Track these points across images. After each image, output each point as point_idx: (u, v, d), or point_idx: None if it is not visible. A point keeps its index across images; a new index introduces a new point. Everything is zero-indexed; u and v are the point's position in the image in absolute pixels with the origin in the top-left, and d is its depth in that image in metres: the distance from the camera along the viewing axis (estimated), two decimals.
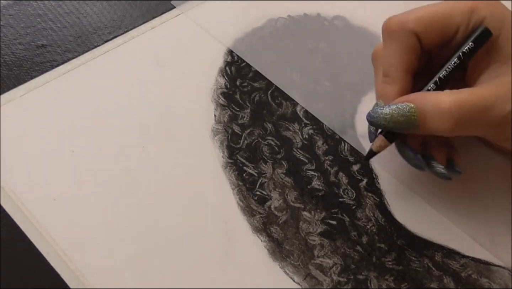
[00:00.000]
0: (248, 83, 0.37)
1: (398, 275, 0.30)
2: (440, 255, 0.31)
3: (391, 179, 0.34)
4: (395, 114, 0.30)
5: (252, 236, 0.30)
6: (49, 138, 0.32)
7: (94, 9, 0.40)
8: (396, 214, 0.33)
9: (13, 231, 0.28)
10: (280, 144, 0.34)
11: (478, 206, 0.33)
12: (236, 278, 0.29)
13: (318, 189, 0.33)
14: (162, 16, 0.40)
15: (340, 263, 0.30)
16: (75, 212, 0.29)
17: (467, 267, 0.31)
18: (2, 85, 0.34)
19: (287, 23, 0.42)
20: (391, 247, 0.31)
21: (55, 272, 0.27)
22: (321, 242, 0.31)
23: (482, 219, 0.33)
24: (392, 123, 0.30)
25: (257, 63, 0.38)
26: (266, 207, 0.32)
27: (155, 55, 0.38)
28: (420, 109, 0.29)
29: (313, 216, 0.32)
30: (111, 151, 0.32)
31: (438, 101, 0.29)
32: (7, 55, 0.36)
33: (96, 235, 0.29)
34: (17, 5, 0.39)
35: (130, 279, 0.28)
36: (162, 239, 0.29)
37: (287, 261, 0.30)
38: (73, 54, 0.37)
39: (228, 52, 0.39)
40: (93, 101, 0.34)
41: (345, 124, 0.36)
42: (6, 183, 0.30)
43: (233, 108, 0.36)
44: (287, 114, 0.36)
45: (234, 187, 0.32)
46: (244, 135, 0.35)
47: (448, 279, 0.30)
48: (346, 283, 0.29)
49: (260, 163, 0.33)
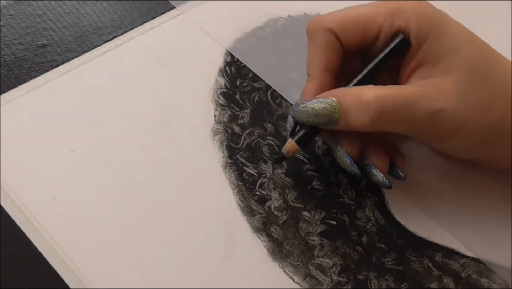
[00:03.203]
0: (248, 83, 0.37)
1: (398, 275, 0.30)
2: (440, 255, 0.31)
3: (391, 179, 0.34)
4: (316, 107, 0.29)
5: (252, 236, 0.30)
6: (49, 138, 0.32)
7: (94, 9, 0.40)
8: (396, 214, 0.33)
9: (13, 231, 0.28)
10: (280, 144, 0.34)
11: (476, 210, 0.33)
12: (236, 278, 0.29)
13: (318, 189, 0.33)
14: (162, 16, 0.40)
15: (340, 263, 0.30)
16: (75, 212, 0.29)
17: (467, 267, 0.31)
18: (2, 85, 0.34)
19: (287, 23, 0.42)
20: (391, 247, 0.31)
21: (55, 272, 0.27)
22: (321, 242, 0.31)
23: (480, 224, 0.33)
24: (314, 117, 0.30)
25: (256, 64, 0.38)
26: (266, 207, 0.32)
27: (155, 55, 0.38)
28: (341, 102, 0.29)
29: (313, 216, 0.32)
30: (111, 150, 0.32)
31: (359, 95, 0.29)
32: (7, 55, 0.36)
33: (96, 235, 0.29)
34: (17, 5, 0.39)
35: (130, 279, 0.28)
36: (162, 239, 0.29)
37: (287, 261, 0.30)
38: (73, 54, 0.37)
39: (228, 52, 0.39)
40: (93, 101, 0.34)
41: None
42: (6, 182, 0.30)
43: (233, 108, 0.36)
44: (287, 114, 0.36)
45: (234, 187, 0.32)
46: (244, 135, 0.35)
47: (448, 279, 0.30)
48: (346, 283, 0.29)
49: (260, 163, 0.33)
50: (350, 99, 0.29)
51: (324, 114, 0.29)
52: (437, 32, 0.29)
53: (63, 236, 0.28)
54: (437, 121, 0.28)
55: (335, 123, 0.29)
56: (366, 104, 0.28)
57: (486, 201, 0.34)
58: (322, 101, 0.29)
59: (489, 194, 0.34)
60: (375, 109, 0.28)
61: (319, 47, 0.31)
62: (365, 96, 0.28)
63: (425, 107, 0.28)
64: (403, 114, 0.28)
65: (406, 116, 0.28)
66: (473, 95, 0.29)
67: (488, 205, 0.33)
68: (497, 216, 0.33)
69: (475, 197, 0.34)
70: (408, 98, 0.28)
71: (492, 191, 0.34)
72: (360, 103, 0.28)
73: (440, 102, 0.28)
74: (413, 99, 0.28)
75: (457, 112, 0.28)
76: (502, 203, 0.34)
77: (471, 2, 0.39)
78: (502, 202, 0.34)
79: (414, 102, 0.28)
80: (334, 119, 0.29)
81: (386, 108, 0.28)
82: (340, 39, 0.31)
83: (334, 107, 0.29)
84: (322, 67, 0.31)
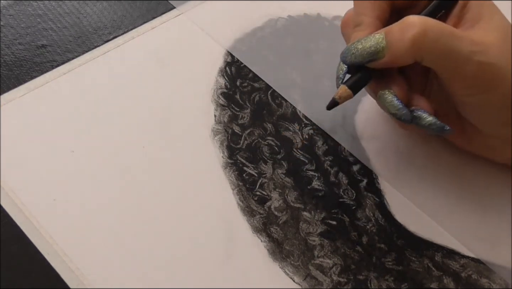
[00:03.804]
0: (248, 84, 0.37)
1: (398, 275, 0.30)
2: (440, 255, 0.31)
3: (392, 180, 0.34)
4: (363, 42, 0.30)
5: (252, 236, 0.30)
6: (49, 139, 0.32)
7: (94, 9, 0.40)
8: (396, 214, 0.33)
9: (13, 231, 0.28)
10: (280, 144, 0.34)
11: (476, 210, 0.33)
12: (236, 278, 0.29)
13: (318, 189, 0.33)
14: (162, 17, 0.40)
15: (340, 263, 0.30)
16: (75, 212, 0.29)
17: (467, 267, 0.31)
18: (2, 85, 0.34)
19: (287, 23, 0.42)
20: (391, 247, 0.31)
21: (55, 272, 0.27)
22: (321, 242, 0.31)
23: (480, 223, 0.33)
24: (361, 51, 0.30)
25: (256, 64, 0.38)
26: (266, 207, 0.32)
27: (155, 55, 0.38)
28: (387, 33, 0.29)
29: (313, 216, 0.32)
30: (111, 151, 0.32)
31: (405, 20, 0.29)
32: (7, 55, 0.36)
33: (96, 235, 0.29)
34: (17, 5, 0.39)
35: (130, 279, 0.28)
36: (162, 239, 0.29)
37: (287, 261, 0.30)
38: (73, 54, 0.37)
39: (228, 52, 0.39)
40: (93, 101, 0.34)
41: (345, 124, 0.36)
42: (6, 183, 0.30)
43: (233, 108, 0.36)
44: (287, 114, 0.36)
45: (234, 187, 0.32)
46: (244, 135, 0.35)
47: (448, 279, 0.30)
48: (346, 283, 0.29)
49: (260, 163, 0.33)
50: (395, 26, 0.29)
51: (370, 46, 0.29)
52: None
53: (63, 236, 0.28)
54: (478, 64, 0.29)
55: (382, 54, 0.29)
56: (409, 24, 0.28)
57: (486, 201, 0.34)
58: (369, 37, 0.30)
59: (489, 194, 0.34)
60: (419, 28, 0.28)
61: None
62: (409, 18, 0.29)
63: (469, 44, 0.28)
64: (447, 44, 0.28)
65: (450, 46, 0.28)
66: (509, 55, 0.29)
67: (488, 205, 0.33)
68: (497, 216, 0.33)
69: (475, 197, 0.34)
70: (453, 31, 0.29)
71: (492, 191, 0.34)
72: (403, 24, 0.29)
73: (484, 45, 0.29)
74: (458, 34, 0.29)
75: (498, 63, 0.29)
76: (502, 203, 0.34)
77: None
78: (502, 202, 0.34)
79: (459, 37, 0.29)
80: (380, 49, 0.29)
81: (430, 31, 0.28)
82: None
83: (380, 39, 0.29)
84: (375, 16, 0.31)
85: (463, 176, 0.34)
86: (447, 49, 0.28)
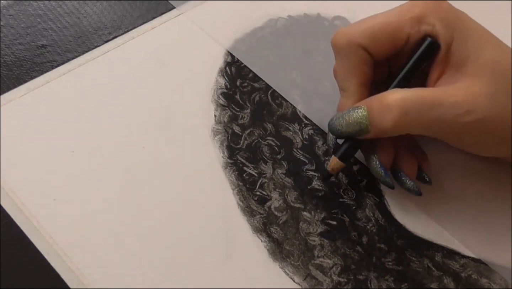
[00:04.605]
0: (248, 84, 0.37)
1: (398, 275, 0.30)
2: (440, 255, 0.31)
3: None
4: (346, 118, 0.30)
5: (252, 236, 0.30)
6: (49, 139, 0.32)
7: (94, 9, 0.40)
8: (396, 214, 0.33)
9: (13, 231, 0.28)
10: (280, 144, 0.34)
11: (476, 210, 0.33)
12: (236, 278, 0.29)
13: (318, 189, 0.33)
14: (162, 17, 0.40)
15: (340, 263, 0.30)
16: (75, 212, 0.29)
17: (467, 267, 0.31)
18: (2, 85, 0.34)
19: (287, 23, 0.42)
20: (391, 247, 0.31)
21: (55, 272, 0.27)
22: (321, 242, 0.31)
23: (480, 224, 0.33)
24: (346, 127, 0.30)
25: (256, 64, 0.38)
26: (266, 207, 0.32)
27: (155, 55, 0.38)
28: (368, 109, 0.29)
29: (313, 216, 0.32)
30: (111, 151, 0.32)
31: (383, 98, 0.29)
32: (7, 55, 0.36)
33: (96, 235, 0.29)
34: (17, 5, 0.39)
35: (130, 279, 0.28)
36: (162, 239, 0.29)
37: (287, 261, 0.30)
38: (73, 54, 0.37)
39: (228, 52, 0.39)
40: (93, 101, 0.34)
41: None
42: (6, 183, 0.30)
43: (233, 108, 0.36)
44: (287, 114, 0.36)
45: (234, 187, 0.32)
46: (244, 135, 0.35)
47: (448, 280, 0.30)
48: (346, 283, 0.29)
49: (260, 163, 0.33)
50: (375, 104, 0.29)
51: (354, 123, 0.30)
52: (461, 37, 0.29)
53: (63, 236, 0.28)
54: (466, 125, 0.28)
55: (366, 130, 0.29)
56: (388, 106, 0.28)
57: (486, 200, 0.34)
58: (351, 111, 0.30)
59: (490, 194, 0.34)
60: (398, 111, 0.28)
61: (352, 64, 0.31)
62: (388, 99, 0.29)
63: (452, 108, 0.28)
64: (429, 116, 0.28)
65: (432, 117, 0.28)
66: (501, 96, 0.28)
67: (488, 205, 0.33)
68: (497, 216, 0.33)
69: (475, 196, 0.34)
70: (434, 99, 0.28)
71: (492, 191, 0.34)
72: (383, 105, 0.29)
73: (468, 103, 0.28)
74: (439, 100, 0.28)
75: (487, 115, 0.28)
76: (502, 202, 0.34)
77: (471, 2, 0.39)
78: (502, 202, 0.34)
79: (440, 103, 0.28)
80: (364, 127, 0.29)
81: (410, 109, 0.28)
82: (370, 52, 0.31)
83: (363, 116, 0.29)
84: (357, 83, 0.31)
85: (463, 176, 0.34)
86: (431, 120, 0.28)
